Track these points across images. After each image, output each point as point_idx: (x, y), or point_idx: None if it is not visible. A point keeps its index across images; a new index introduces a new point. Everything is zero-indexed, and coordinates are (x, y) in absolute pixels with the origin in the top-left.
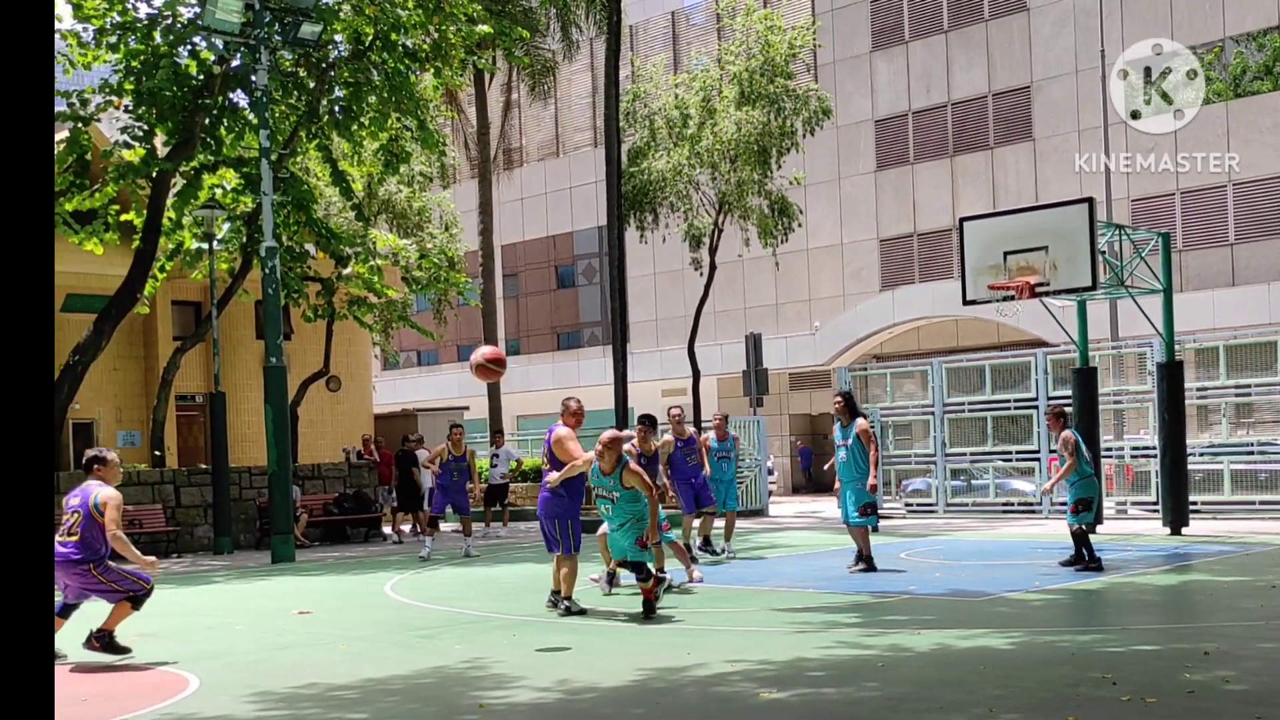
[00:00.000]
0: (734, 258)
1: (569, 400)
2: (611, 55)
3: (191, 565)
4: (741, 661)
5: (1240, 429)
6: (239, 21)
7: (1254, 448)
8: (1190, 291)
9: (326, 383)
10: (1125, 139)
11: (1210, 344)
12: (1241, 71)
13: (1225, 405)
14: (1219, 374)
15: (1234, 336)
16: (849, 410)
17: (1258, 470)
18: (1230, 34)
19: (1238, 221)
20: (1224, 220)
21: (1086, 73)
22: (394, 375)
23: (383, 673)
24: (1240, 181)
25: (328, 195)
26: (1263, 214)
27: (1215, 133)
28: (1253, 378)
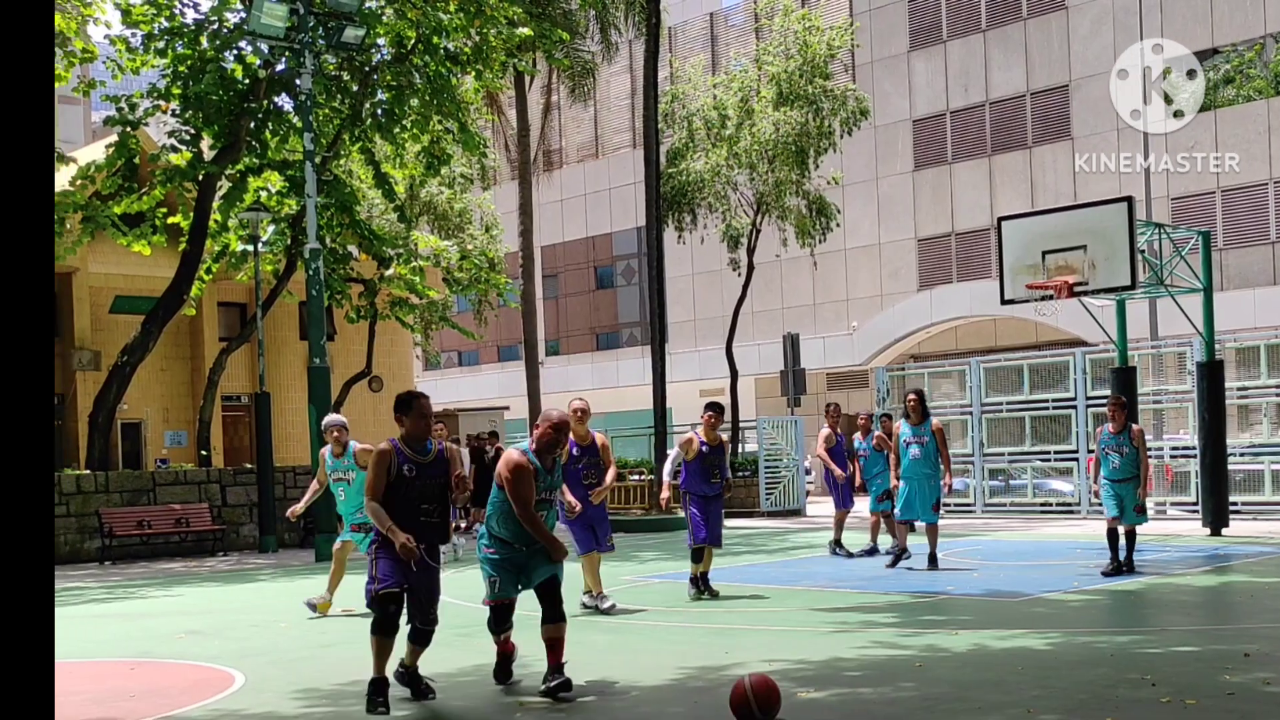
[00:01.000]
0: (772, 258)
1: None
2: (650, 57)
3: (237, 563)
4: (779, 661)
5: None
6: (284, 26)
7: None
8: (1231, 290)
9: (369, 383)
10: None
11: (1251, 343)
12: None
13: (1266, 405)
14: (1260, 373)
15: (1275, 335)
16: (922, 408)
17: None
18: (1271, 31)
19: (1278, 219)
20: (1265, 218)
21: None
22: (435, 375)
23: (424, 670)
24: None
25: (370, 197)
26: None
27: (1256, 130)
28: None
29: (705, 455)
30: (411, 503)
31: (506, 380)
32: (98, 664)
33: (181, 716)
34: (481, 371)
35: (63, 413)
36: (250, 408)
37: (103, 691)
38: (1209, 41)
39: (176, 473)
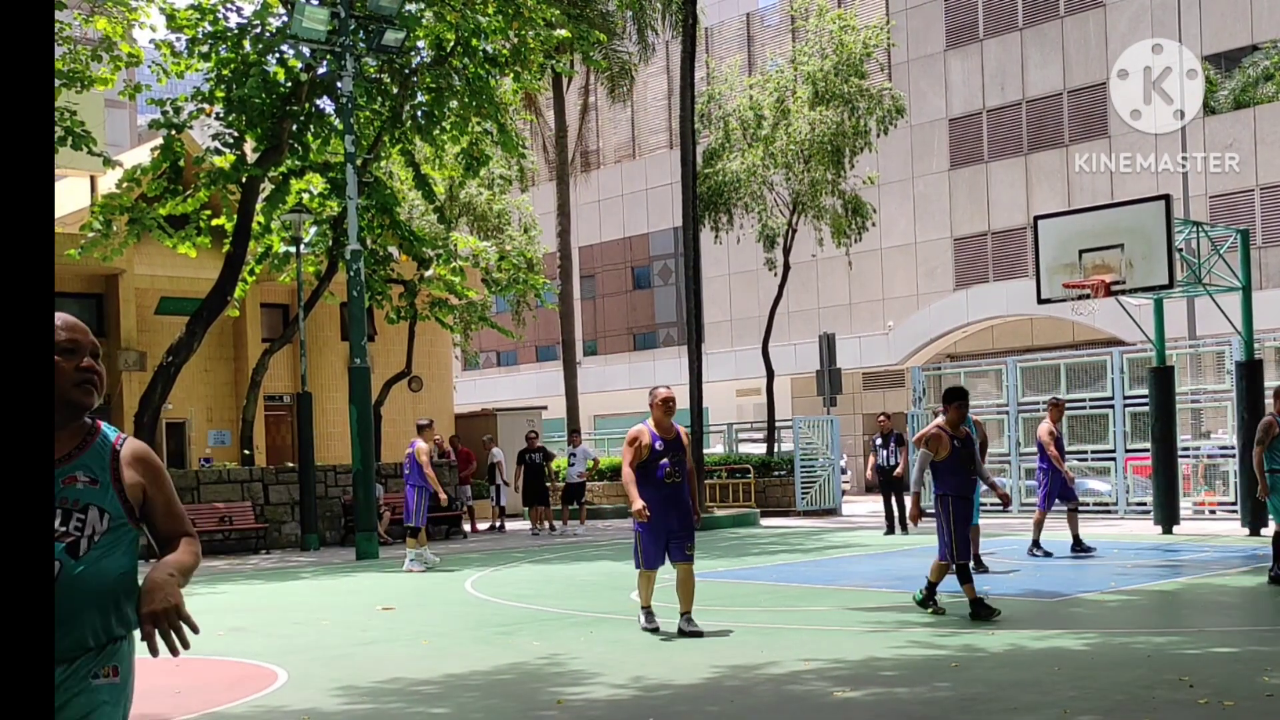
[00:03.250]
0: (807, 258)
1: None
2: (687, 57)
3: (279, 561)
4: (815, 660)
5: None
6: (325, 30)
7: None
8: (1270, 289)
9: (409, 383)
10: (1203, 135)
11: None
12: None
13: None
14: None
15: None
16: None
17: None
18: None
19: None
20: None
21: None
22: (474, 375)
23: (463, 668)
24: None
25: (410, 199)
26: None
27: None
28: None
29: (957, 450)
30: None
31: (544, 380)
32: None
33: (225, 713)
34: (519, 371)
35: (109, 412)
36: (292, 407)
37: (147, 687)
38: (1248, 38)
39: (220, 472)
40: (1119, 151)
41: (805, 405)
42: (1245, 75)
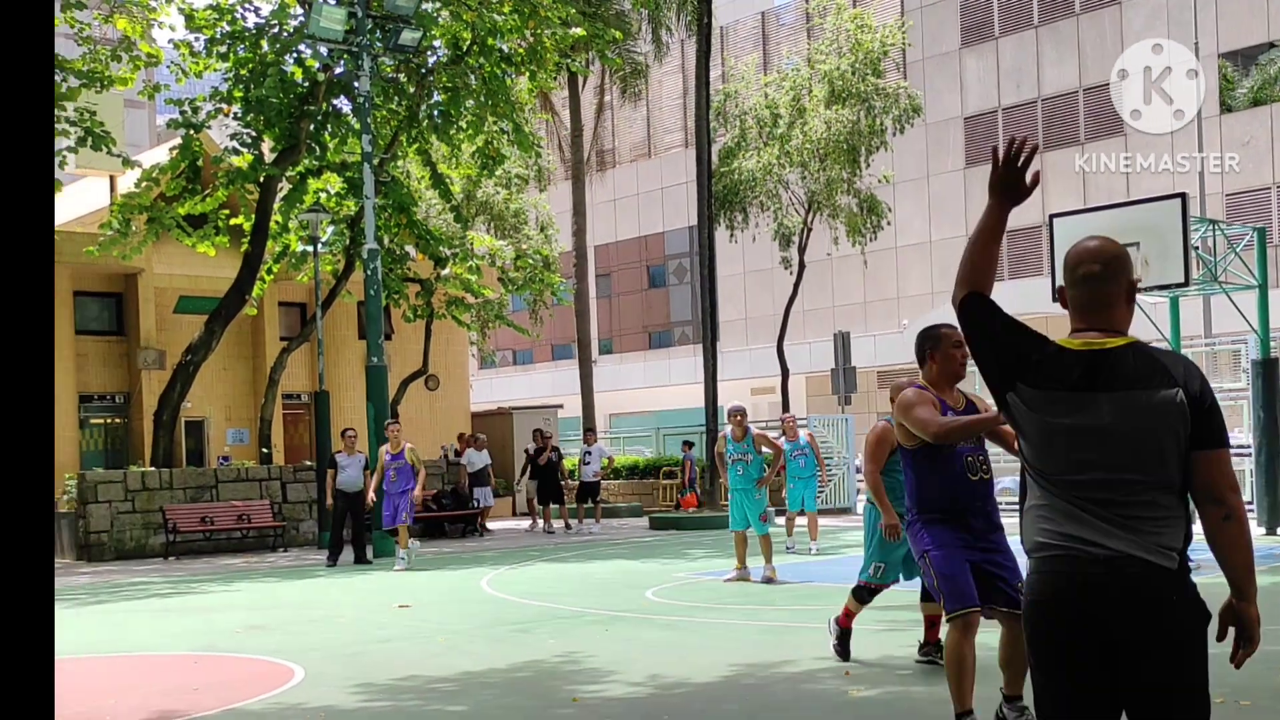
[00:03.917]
0: (823, 256)
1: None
2: (702, 56)
3: (297, 559)
4: (831, 659)
5: None
6: (342, 29)
7: None
8: None
9: (425, 381)
10: (1219, 133)
11: None
12: None
13: None
14: None
15: None
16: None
17: None
18: None
19: None
20: None
21: None
22: (490, 374)
23: (480, 666)
24: None
25: (427, 198)
26: None
27: None
28: None
29: None
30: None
31: (560, 379)
32: (162, 657)
33: (243, 709)
34: (535, 370)
35: (128, 411)
36: (310, 406)
37: (167, 684)
38: (1264, 36)
39: (238, 470)
40: (1135, 150)
41: (820, 404)
42: (1263, 73)
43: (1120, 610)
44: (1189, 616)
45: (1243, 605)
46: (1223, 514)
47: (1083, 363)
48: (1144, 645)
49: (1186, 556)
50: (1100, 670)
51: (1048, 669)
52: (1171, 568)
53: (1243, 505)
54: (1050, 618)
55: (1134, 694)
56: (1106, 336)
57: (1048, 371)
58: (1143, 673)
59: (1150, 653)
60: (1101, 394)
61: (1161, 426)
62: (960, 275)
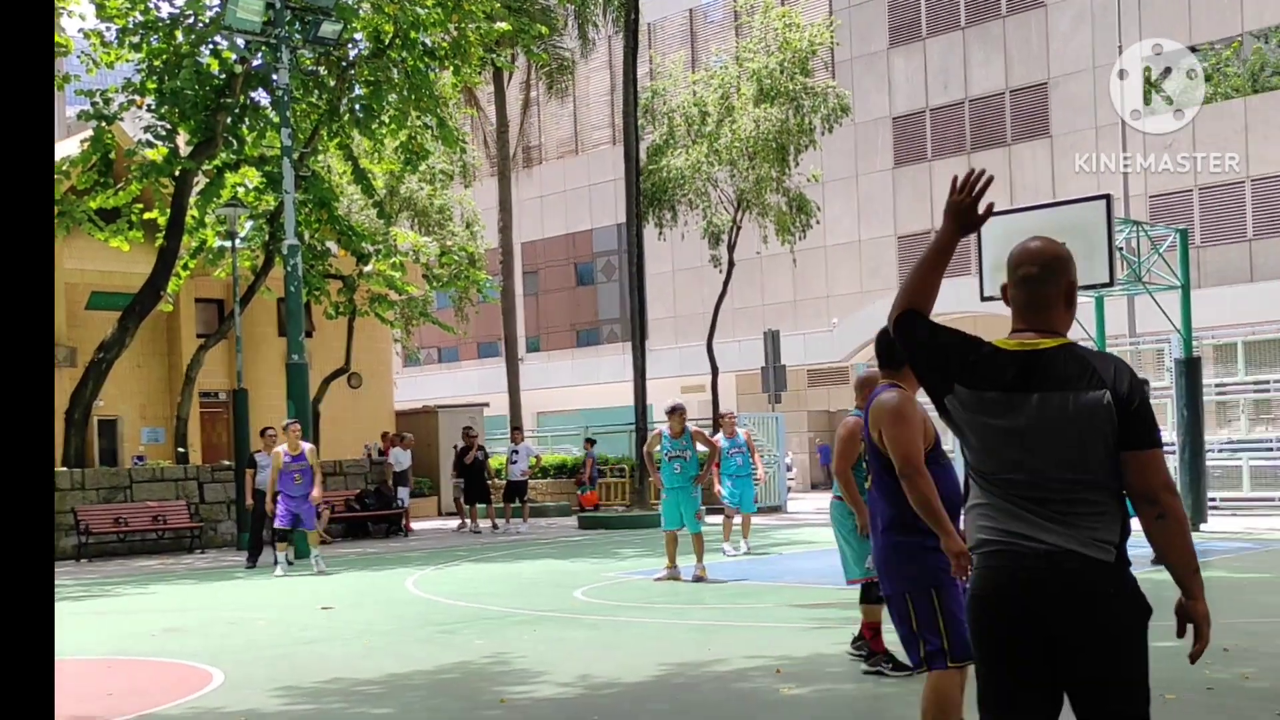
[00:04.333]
0: (752, 254)
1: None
2: (629, 53)
3: (215, 561)
4: (761, 657)
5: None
6: (260, 20)
7: (1273, 444)
8: (1208, 287)
9: (348, 379)
10: (1143, 135)
11: (1229, 340)
12: (1260, 67)
13: (1244, 401)
14: (1237, 370)
15: (1252, 332)
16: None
17: (1277, 466)
18: (1249, 29)
19: (1255, 217)
20: (1241, 216)
21: (1104, 69)
22: (415, 372)
23: (405, 667)
24: (1258, 177)
25: (349, 193)
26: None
27: (1233, 128)
28: (1271, 373)
29: None
30: None
31: (486, 377)
32: (75, 662)
33: (160, 714)
34: (461, 368)
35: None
36: (228, 404)
37: (81, 690)
38: (1187, 39)
39: (154, 470)
40: (1060, 151)
41: (750, 402)
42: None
43: (1059, 604)
44: (1127, 610)
45: (1190, 603)
46: (1156, 513)
47: (1016, 363)
48: (1081, 638)
49: (1125, 550)
50: (1040, 664)
51: (989, 662)
52: (1108, 561)
53: (1178, 504)
54: (991, 612)
55: (1073, 686)
56: (1042, 337)
57: (982, 372)
58: (1081, 666)
59: (1087, 646)
60: (1033, 394)
61: (1088, 427)
62: (902, 291)
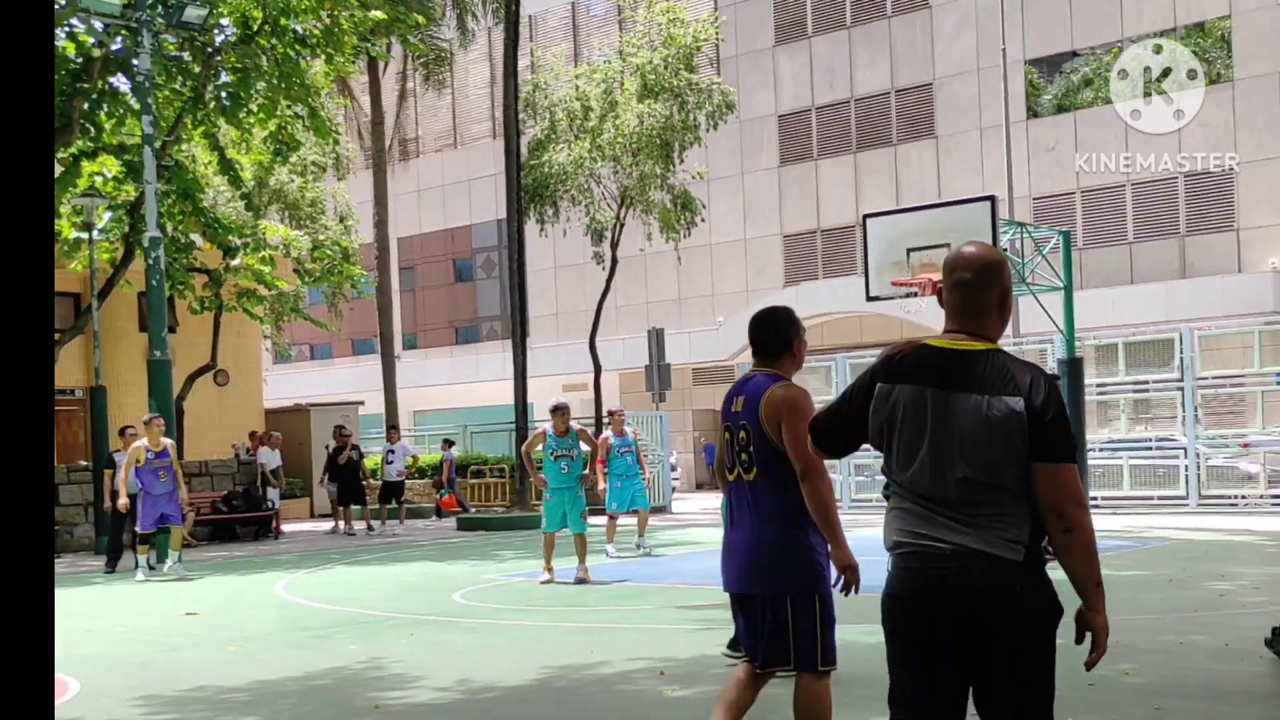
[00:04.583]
0: (636, 252)
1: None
2: (510, 45)
3: (70, 566)
4: (645, 659)
5: (1139, 425)
6: (119, 3)
7: (1152, 443)
8: (1090, 288)
9: (214, 376)
10: (1026, 138)
11: (1109, 341)
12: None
13: (1124, 401)
14: (1118, 370)
15: (1133, 333)
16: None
17: (1156, 465)
18: (1129, 34)
19: (1135, 221)
20: (1122, 219)
21: (988, 71)
22: (286, 369)
23: (275, 674)
24: (1138, 181)
25: (215, 184)
26: (1159, 214)
27: (1114, 132)
28: (1150, 374)
29: None
30: None
31: (361, 374)
32: None
33: None
34: (335, 365)
35: None
36: (86, 402)
37: None
38: (1069, 45)
39: None
40: (945, 151)
41: (634, 401)
42: (1067, 81)
43: (967, 604)
44: (1035, 609)
45: (1090, 614)
46: (1063, 527)
47: (940, 359)
48: (988, 637)
49: (1039, 549)
50: (950, 662)
51: (903, 661)
52: (1017, 560)
53: (1086, 519)
54: (906, 612)
55: (978, 685)
56: (973, 340)
57: (906, 368)
58: (986, 664)
59: (993, 645)
60: (951, 393)
61: (998, 433)
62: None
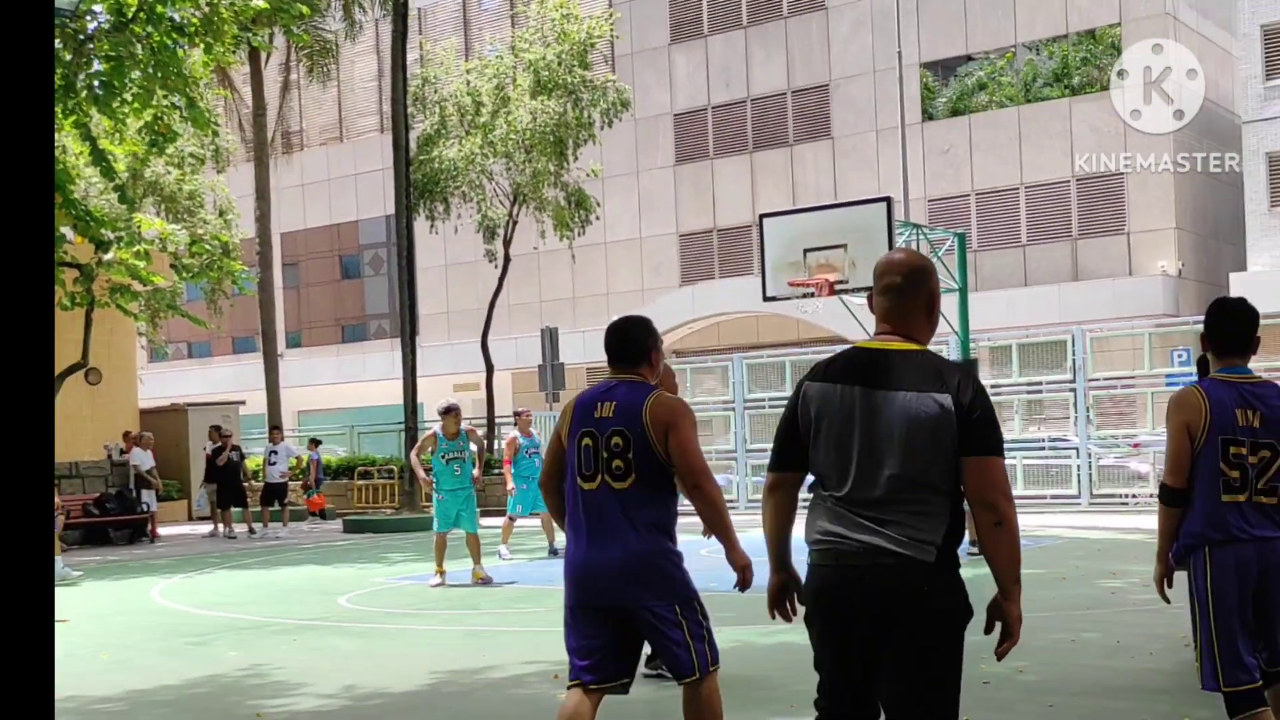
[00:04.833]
0: (529, 250)
1: None
2: (398, 37)
3: None
4: (538, 662)
5: (1032, 425)
6: None
7: (1045, 443)
8: (985, 290)
9: (85, 375)
10: (921, 140)
11: (1003, 342)
12: (1033, 78)
13: (1018, 402)
14: (1012, 371)
15: (1026, 335)
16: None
17: (1049, 465)
18: (1022, 40)
19: (1029, 224)
20: (1015, 222)
21: (884, 73)
22: (162, 367)
23: (150, 683)
24: (1031, 185)
25: (86, 175)
26: (1052, 217)
27: (1008, 135)
28: (1044, 375)
29: None
30: None
31: (242, 373)
32: None
33: None
34: (214, 364)
35: None
36: None
37: None
38: (963, 49)
39: None
40: (841, 152)
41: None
42: (961, 84)
43: (880, 602)
44: (947, 609)
45: (1006, 605)
46: (993, 520)
47: (869, 358)
48: (894, 635)
49: (951, 551)
50: (862, 658)
51: (822, 655)
52: (928, 560)
53: (1013, 512)
54: (824, 608)
55: (887, 682)
56: (901, 341)
57: (835, 368)
58: (893, 662)
59: (899, 643)
60: (878, 391)
61: (924, 429)
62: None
